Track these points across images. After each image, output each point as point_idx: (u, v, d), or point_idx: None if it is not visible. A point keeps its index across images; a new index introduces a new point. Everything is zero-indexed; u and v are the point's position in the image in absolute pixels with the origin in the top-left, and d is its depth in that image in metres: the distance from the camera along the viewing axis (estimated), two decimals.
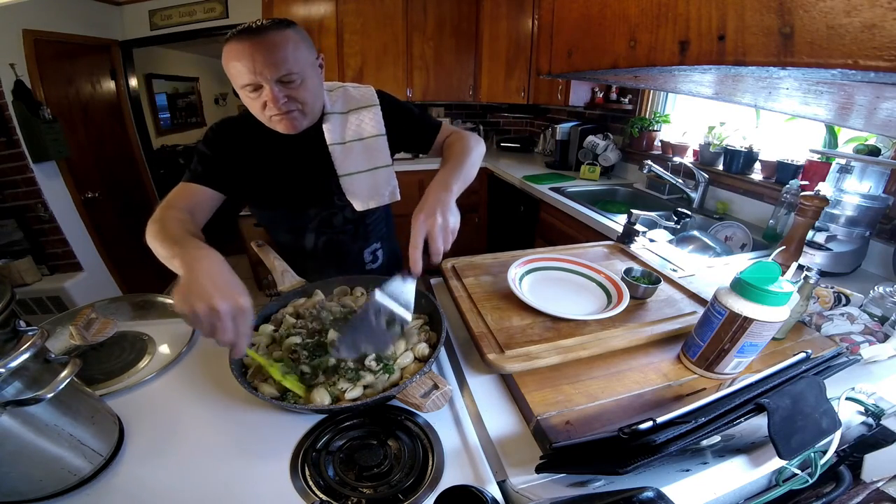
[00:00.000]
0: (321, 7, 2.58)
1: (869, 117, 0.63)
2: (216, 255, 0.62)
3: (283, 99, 0.79)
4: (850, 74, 0.30)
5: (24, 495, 0.52)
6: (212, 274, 0.58)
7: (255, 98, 0.79)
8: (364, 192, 0.98)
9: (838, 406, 0.60)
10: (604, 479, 0.52)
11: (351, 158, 0.95)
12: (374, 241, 1.09)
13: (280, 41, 0.76)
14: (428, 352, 0.72)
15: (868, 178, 1.14)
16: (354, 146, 0.95)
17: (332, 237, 1.03)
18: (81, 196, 2.51)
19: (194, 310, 0.53)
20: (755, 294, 0.61)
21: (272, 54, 0.75)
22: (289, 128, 0.83)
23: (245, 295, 0.58)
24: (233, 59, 0.75)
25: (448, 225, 0.70)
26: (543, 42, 0.73)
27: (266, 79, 0.76)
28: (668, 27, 0.45)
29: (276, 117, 0.81)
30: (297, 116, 0.83)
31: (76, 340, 0.79)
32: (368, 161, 0.97)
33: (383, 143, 0.98)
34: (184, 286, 0.56)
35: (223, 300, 0.54)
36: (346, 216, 1.01)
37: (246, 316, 0.57)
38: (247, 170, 0.92)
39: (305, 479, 0.56)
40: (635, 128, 2.25)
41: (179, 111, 4.32)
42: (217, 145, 0.90)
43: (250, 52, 0.74)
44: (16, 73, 2.07)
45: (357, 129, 0.95)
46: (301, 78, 0.79)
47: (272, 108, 0.79)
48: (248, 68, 0.75)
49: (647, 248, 1.22)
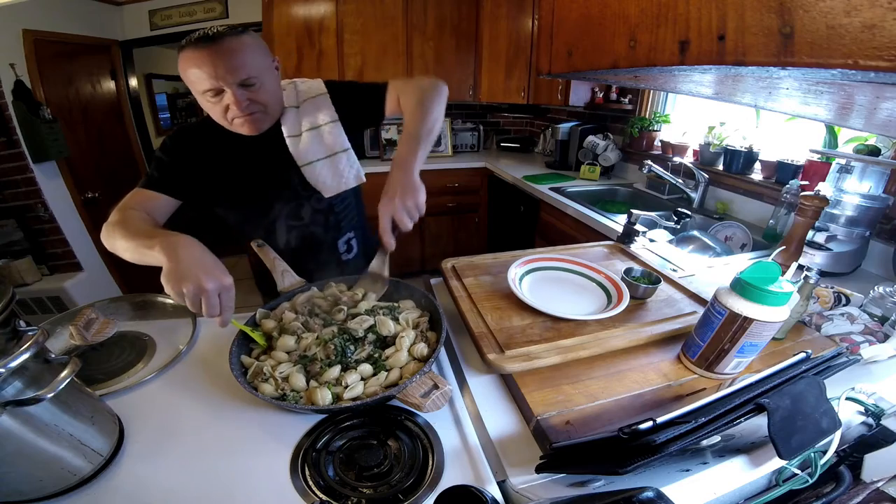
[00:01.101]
0: (321, 7, 2.58)
1: (869, 117, 0.63)
2: (193, 239, 0.67)
3: (246, 102, 0.81)
4: (850, 74, 0.30)
5: (24, 495, 0.52)
6: (194, 257, 0.64)
7: (215, 103, 0.81)
8: (328, 179, 0.99)
9: (838, 406, 0.60)
10: (604, 479, 0.52)
11: (309, 148, 0.96)
12: (346, 230, 1.10)
13: (238, 47, 0.78)
14: (428, 352, 0.72)
15: (868, 178, 1.14)
16: (311, 135, 0.96)
17: (302, 230, 1.03)
18: (81, 196, 2.51)
19: (184, 289, 0.60)
20: (755, 294, 0.61)
21: (232, 59, 0.77)
22: (252, 129, 0.86)
23: (227, 274, 0.64)
24: (192, 65, 0.77)
25: (409, 204, 0.75)
26: (543, 42, 0.73)
27: (228, 83, 0.78)
28: (668, 27, 0.45)
29: (238, 119, 0.83)
30: (260, 117, 0.85)
31: (76, 340, 0.79)
32: (326, 148, 0.98)
33: (338, 129, 0.98)
34: (170, 270, 0.61)
35: (209, 280, 0.61)
36: (313, 206, 1.02)
37: (230, 292, 0.64)
38: (208, 174, 0.93)
39: (305, 478, 0.56)
40: (635, 128, 2.25)
41: (179, 111, 4.32)
42: (174, 152, 0.91)
43: (210, 58, 0.76)
44: (16, 73, 2.07)
45: (311, 118, 0.97)
46: (260, 81, 0.82)
47: (235, 111, 0.81)
48: (209, 73, 0.76)
49: (647, 248, 1.22)
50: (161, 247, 0.64)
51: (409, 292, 0.88)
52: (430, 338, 0.76)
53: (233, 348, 0.71)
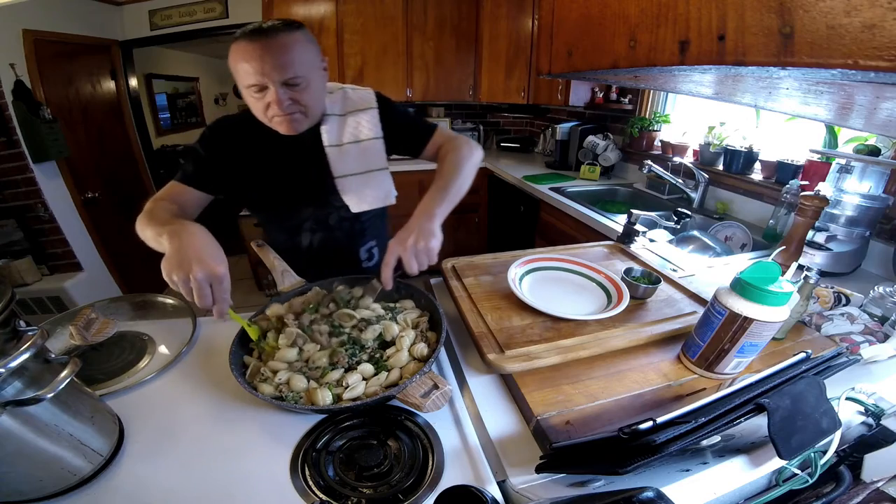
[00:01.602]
0: (321, 7, 2.58)
1: (869, 117, 0.63)
2: (201, 228, 0.68)
3: (287, 101, 0.79)
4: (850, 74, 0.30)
5: (24, 495, 0.52)
6: (194, 244, 0.64)
7: (258, 98, 0.80)
8: (359, 194, 0.98)
9: (838, 406, 0.60)
10: (604, 479, 0.52)
11: (347, 160, 0.96)
12: (369, 239, 1.10)
13: (289, 43, 0.76)
14: (428, 352, 0.72)
15: (868, 178, 1.14)
16: (350, 148, 0.96)
17: (327, 235, 1.03)
18: (81, 196, 2.51)
19: (175, 277, 0.60)
20: (755, 294, 0.61)
21: (280, 56, 0.75)
22: (289, 129, 0.84)
23: (222, 264, 0.63)
24: (240, 59, 0.76)
25: (420, 248, 0.75)
26: (543, 42, 0.73)
27: (272, 80, 0.76)
28: (668, 27, 0.45)
29: (278, 118, 0.82)
30: (299, 118, 0.83)
31: (76, 340, 0.79)
32: (364, 164, 0.98)
33: (379, 147, 0.98)
34: (169, 256, 0.62)
35: (200, 269, 0.60)
36: (341, 215, 1.01)
37: (222, 283, 0.62)
38: (242, 169, 0.92)
39: (305, 479, 0.56)
40: (635, 128, 2.25)
41: (179, 111, 4.32)
42: (212, 145, 0.91)
43: (259, 53, 0.74)
44: (16, 73, 2.06)
45: (354, 131, 0.96)
46: (306, 81, 0.80)
47: (275, 110, 0.80)
48: (256, 69, 0.75)
49: (647, 248, 1.22)
50: (168, 234, 0.66)
51: (409, 292, 0.88)
52: (430, 338, 0.76)
53: (233, 348, 0.71)
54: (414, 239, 0.74)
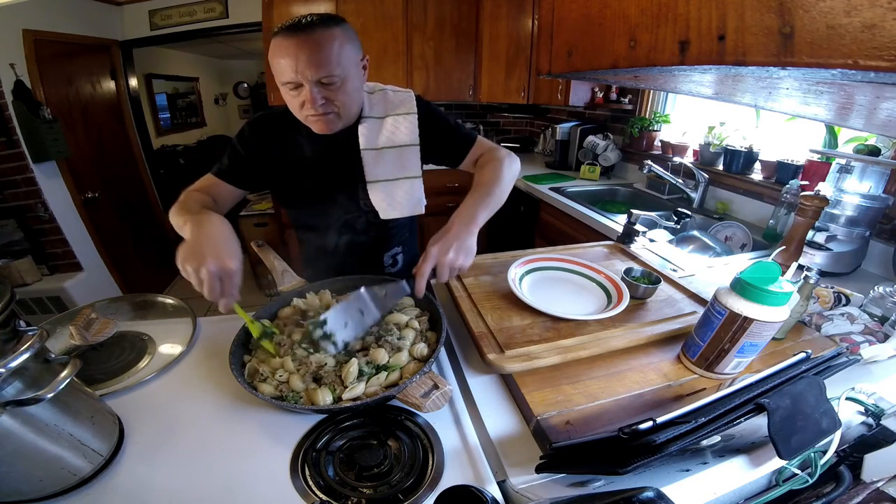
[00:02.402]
0: (321, 7, 2.57)
1: (869, 117, 0.63)
2: (221, 220, 0.70)
3: (321, 101, 0.78)
4: (850, 74, 0.30)
5: (24, 495, 0.52)
6: (211, 236, 0.65)
7: (294, 96, 0.79)
8: (389, 202, 0.96)
9: (838, 406, 0.60)
10: (604, 479, 0.52)
11: (381, 165, 0.94)
12: (395, 245, 1.09)
13: (326, 40, 0.74)
14: (428, 352, 0.72)
15: (868, 178, 1.14)
16: (386, 153, 0.94)
17: (353, 239, 1.02)
18: (81, 196, 2.51)
19: (187, 268, 0.61)
20: (755, 294, 0.61)
21: (316, 54, 0.73)
22: (323, 129, 0.83)
23: (235, 259, 0.64)
24: (278, 55, 0.75)
25: (457, 264, 0.73)
26: (543, 42, 0.73)
27: (306, 79, 0.75)
28: (668, 27, 0.45)
29: (312, 117, 0.81)
30: (333, 119, 0.82)
31: (76, 340, 0.79)
32: (398, 170, 0.95)
33: (415, 154, 0.96)
34: (186, 245, 0.64)
35: (213, 262, 0.61)
36: (369, 220, 1.00)
37: (232, 277, 0.63)
38: (277, 165, 0.93)
39: (305, 479, 0.56)
40: (635, 128, 2.25)
41: (179, 111, 4.32)
42: (250, 143, 0.91)
43: (295, 49, 0.73)
44: (16, 73, 2.06)
45: (391, 135, 0.94)
46: (342, 80, 0.78)
47: (309, 108, 0.79)
48: (291, 66, 0.74)
49: (647, 248, 1.22)
50: (191, 223, 0.67)
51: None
52: (430, 338, 0.76)
53: (233, 348, 0.71)
54: (455, 255, 0.72)
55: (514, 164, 0.94)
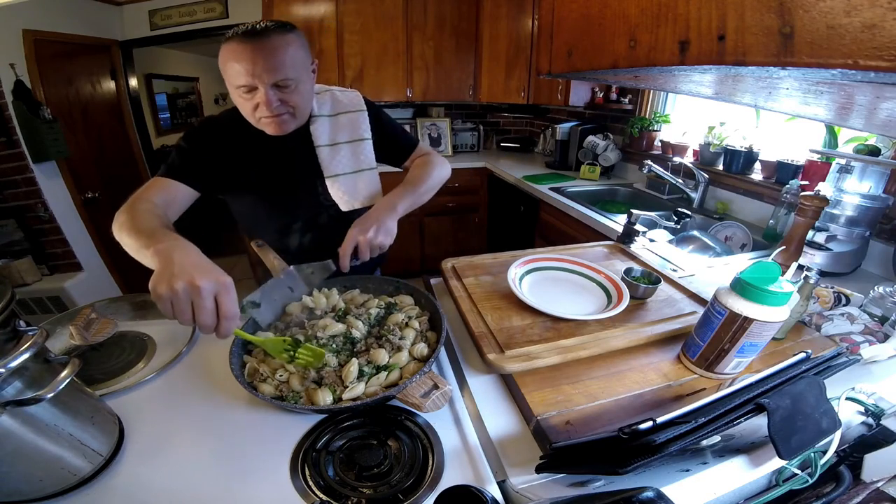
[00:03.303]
0: (321, 7, 2.57)
1: (869, 117, 0.63)
2: (191, 245, 0.61)
3: (276, 102, 0.80)
4: (850, 74, 0.30)
5: (24, 495, 0.52)
6: (189, 258, 0.57)
7: (247, 99, 0.80)
8: (349, 194, 0.99)
9: (838, 406, 0.60)
10: (604, 479, 0.52)
11: (338, 160, 0.97)
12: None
13: (280, 45, 0.77)
14: (428, 352, 0.72)
15: (868, 178, 1.14)
16: (342, 148, 0.97)
17: (316, 236, 1.03)
18: (81, 196, 2.51)
19: (174, 288, 0.51)
20: (755, 294, 0.61)
21: (271, 58, 0.75)
22: (277, 130, 0.85)
23: (226, 274, 0.56)
24: (231, 59, 0.76)
25: (376, 242, 0.81)
26: (543, 42, 0.73)
27: (263, 82, 0.77)
28: (668, 27, 0.45)
29: (265, 119, 0.82)
30: (287, 119, 0.84)
31: (76, 340, 0.79)
32: (355, 163, 0.99)
33: (369, 147, 1.00)
34: (160, 272, 0.54)
35: (203, 277, 0.53)
36: (331, 215, 1.02)
37: (229, 293, 0.55)
38: (230, 169, 0.92)
39: (305, 479, 0.56)
40: (635, 128, 2.25)
41: (179, 111, 4.32)
42: (198, 142, 0.90)
43: (251, 54, 0.75)
44: (16, 73, 2.06)
45: (347, 131, 0.98)
46: (296, 83, 0.81)
47: (263, 111, 0.80)
48: (247, 70, 0.75)
49: (647, 248, 1.22)
50: (154, 249, 0.59)
51: (408, 291, 0.88)
52: (430, 338, 0.76)
53: (233, 348, 0.71)
54: (374, 233, 0.81)
55: (445, 168, 1.05)
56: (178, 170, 0.87)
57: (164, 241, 0.61)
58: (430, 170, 1.01)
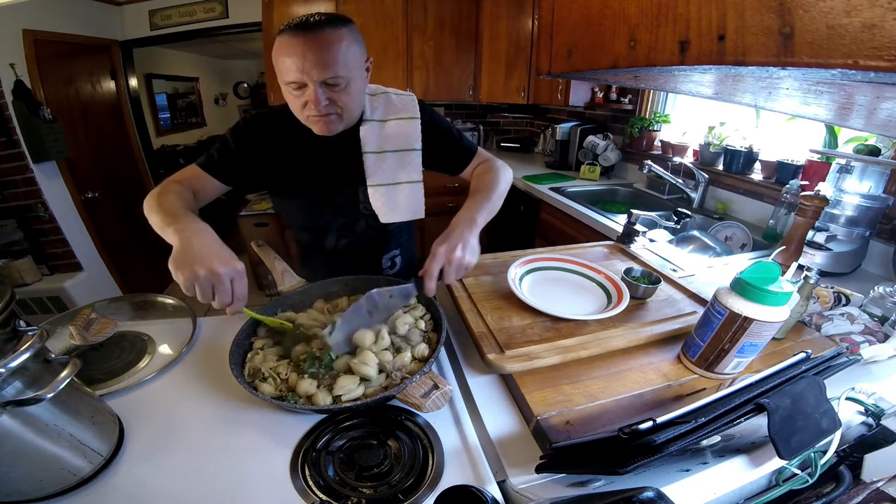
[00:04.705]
0: (321, 7, 2.57)
1: (869, 117, 0.63)
2: (210, 229, 0.68)
3: (325, 101, 0.77)
4: (850, 74, 0.30)
5: (24, 495, 0.52)
6: (208, 244, 0.64)
7: (297, 96, 0.78)
8: (389, 205, 0.96)
9: (838, 406, 0.60)
10: (604, 479, 0.52)
11: (382, 169, 0.94)
12: (393, 248, 1.08)
13: (333, 40, 0.73)
14: (428, 352, 0.72)
15: (868, 178, 1.14)
16: (388, 157, 0.94)
17: (352, 241, 1.01)
18: (81, 196, 2.51)
19: (196, 273, 0.59)
20: (755, 294, 0.61)
21: (323, 54, 0.73)
22: (324, 130, 0.82)
23: (239, 260, 0.65)
24: (283, 53, 0.74)
25: (465, 262, 0.75)
26: (543, 42, 0.72)
27: (312, 79, 0.74)
28: (668, 27, 0.45)
29: (313, 118, 0.80)
30: (335, 120, 0.81)
31: (76, 340, 0.79)
32: (400, 174, 0.95)
33: (417, 158, 0.96)
34: (180, 255, 0.61)
35: (222, 265, 0.61)
36: (368, 223, 1.00)
37: (243, 279, 0.64)
38: (274, 166, 0.91)
39: (305, 479, 0.56)
40: (635, 128, 2.25)
41: (179, 111, 4.32)
42: (244, 139, 0.89)
43: (302, 48, 0.72)
44: (16, 73, 2.06)
45: (393, 139, 0.94)
46: (346, 81, 0.77)
47: (312, 109, 0.78)
48: (297, 66, 0.73)
49: (647, 248, 1.22)
50: (175, 230, 0.65)
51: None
52: (430, 338, 0.76)
53: (233, 348, 0.71)
54: (461, 253, 0.74)
55: (509, 174, 1.00)
56: (216, 165, 0.88)
57: (185, 222, 0.68)
58: (498, 175, 0.95)
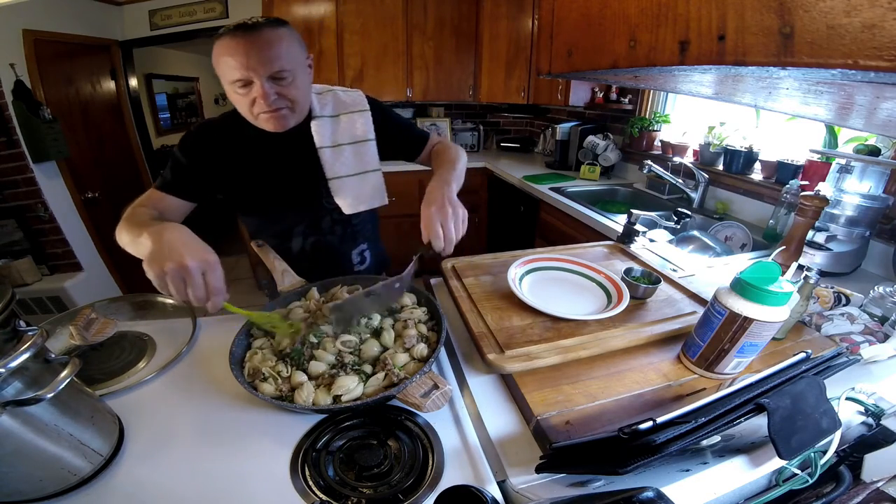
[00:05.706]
0: (321, 7, 2.58)
1: (869, 117, 0.63)
2: (180, 225, 0.65)
3: (274, 96, 0.79)
4: (850, 74, 0.30)
5: (24, 495, 0.52)
6: (179, 238, 0.61)
7: (244, 94, 0.79)
8: (353, 196, 0.98)
9: (838, 406, 0.60)
10: (604, 479, 0.52)
11: (340, 161, 0.96)
12: (361, 242, 1.09)
13: (274, 38, 0.77)
14: (428, 352, 0.72)
15: (868, 178, 1.14)
16: (345, 149, 0.96)
17: (319, 239, 1.02)
18: (81, 196, 2.51)
19: (165, 269, 0.57)
20: (755, 294, 0.61)
21: (266, 51, 0.75)
22: (277, 126, 0.83)
23: (211, 252, 0.61)
24: (225, 53, 0.76)
25: (459, 215, 0.75)
26: (543, 42, 0.73)
27: (258, 74, 0.76)
28: (668, 27, 0.45)
29: (264, 115, 0.81)
30: (286, 114, 0.83)
31: (76, 340, 0.79)
32: (358, 165, 0.98)
33: (373, 148, 0.99)
34: (150, 252, 0.59)
35: (191, 258, 0.58)
36: (333, 218, 1.01)
37: (216, 271, 0.60)
38: (229, 174, 0.91)
39: (305, 479, 0.56)
40: (635, 128, 2.25)
41: (179, 111, 4.32)
42: (193, 152, 0.89)
43: (244, 48, 0.74)
44: (16, 73, 2.07)
45: (347, 132, 0.96)
46: (292, 76, 0.80)
47: (261, 105, 0.79)
48: (241, 63, 0.75)
49: (647, 248, 1.22)
50: (147, 233, 0.63)
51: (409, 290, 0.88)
52: (430, 338, 0.76)
53: (233, 348, 0.71)
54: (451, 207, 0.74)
55: (464, 153, 1.02)
56: (172, 184, 0.88)
57: (156, 225, 0.66)
58: (454, 151, 1.00)
